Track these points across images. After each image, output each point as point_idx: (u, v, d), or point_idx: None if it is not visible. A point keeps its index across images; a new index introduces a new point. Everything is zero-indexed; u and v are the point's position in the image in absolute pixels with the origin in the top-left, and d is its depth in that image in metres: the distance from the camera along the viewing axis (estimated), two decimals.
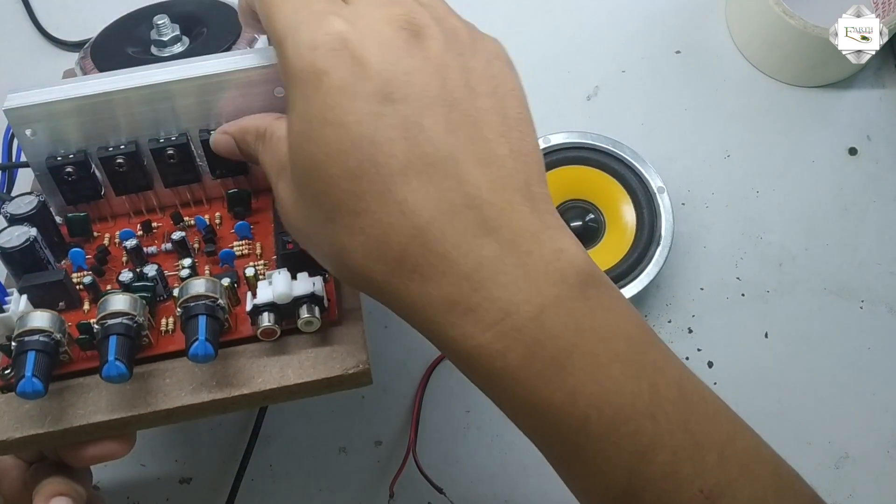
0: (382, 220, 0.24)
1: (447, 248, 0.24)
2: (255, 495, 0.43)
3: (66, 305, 0.32)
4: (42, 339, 0.29)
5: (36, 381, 0.28)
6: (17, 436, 0.30)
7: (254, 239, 0.35)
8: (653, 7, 0.56)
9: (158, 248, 0.35)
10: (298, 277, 0.31)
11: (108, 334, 0.29)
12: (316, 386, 0.31)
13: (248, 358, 0.31)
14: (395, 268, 0.25)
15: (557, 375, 0.24)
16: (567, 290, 0.25)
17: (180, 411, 0.30)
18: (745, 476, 0.26)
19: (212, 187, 0.36)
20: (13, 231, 0.32)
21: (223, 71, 0.32)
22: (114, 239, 0.35)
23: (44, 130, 0.33)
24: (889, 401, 0.45)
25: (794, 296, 0.48)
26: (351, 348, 0.31)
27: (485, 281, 0.24)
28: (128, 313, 0.29)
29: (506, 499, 0.43)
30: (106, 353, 0.28)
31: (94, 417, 0.30)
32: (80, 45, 0.55)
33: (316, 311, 0.30)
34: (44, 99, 0.32)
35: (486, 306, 0.24)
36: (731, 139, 0.52)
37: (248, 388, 0.30)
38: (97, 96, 0.32)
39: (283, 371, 0.31)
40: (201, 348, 0.28)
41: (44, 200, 0.34)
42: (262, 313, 0.30)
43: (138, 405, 0.30)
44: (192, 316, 0.29)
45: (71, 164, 0.33)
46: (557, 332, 0.24)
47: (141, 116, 0.33)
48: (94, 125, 0.33)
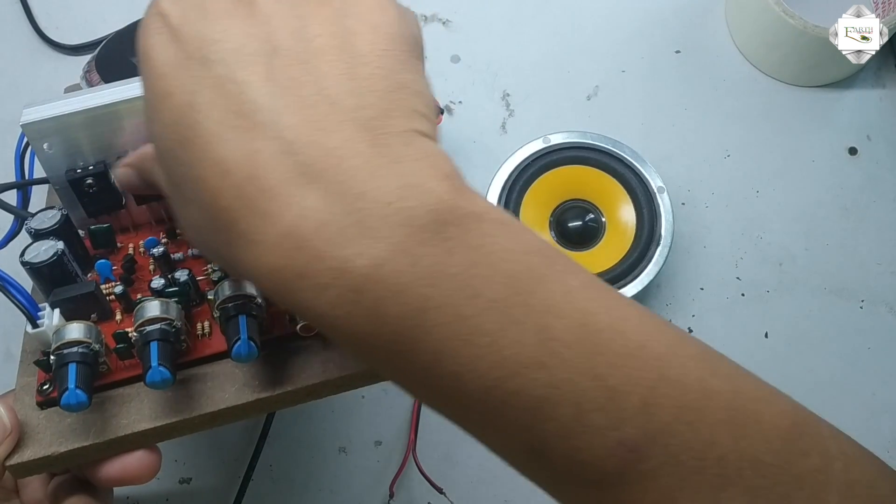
0: (208, 183, 0.22)
1: (266, 203, 0.21)
2: (256, 495, 0.43)
3: (99, 317, 0.32)
4: (81, 350, 0.29)
5: (80, 392, 0.28)
6: (62, 450, 0.29)
7: None
8: (653, 7, 0.56)
9: (185, 254, 0.35)
10: None
11: (149, 340, 0.29)
12: (359, 378, 0.31)
13: (289, 355, 0.31)
14: (225, 235, 0.22)
15: (412, 336, 0.21)
16: (414, 234, 0.21)
17: (225, 413, 0.30)
18: (682, 419, 0.22)
19: None
20: (40, 246, 0.32)
21: None
22: (138, 248, 0.36)
23: (61, 143, 0.33)
24: (889, 401, 0.45)
25: (794, 296, 0.48)
26: None
27: (308, 237, 0.21)
28: (166, 318, 0.29)
29: (506, 499, 0.43)
30: (148, 359, 0.28)
31: (139, 426, 0.30)
32: (79, 48, 0.55)
33: None
34: (60, 112, 0.32)
35: (315, 266, 0.21)
36: (730, 139, 0.52)
37: (291, 384, 0.30)
38: (111, 106, 0.33)
39: (325, 365, 0.31)
40: (244, 348, 0.28)
41: (66, 214, 0.34)
42: None
43: (182, 410, 0.30)
44: (231, 316, 0.29)
45: (91, 175, 0.34)
46: (403, 285, 0.21)
47: None
48: (111, 135, 0.34)
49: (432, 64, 0.57)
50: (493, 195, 0.45)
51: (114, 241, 0.35)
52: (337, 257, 0.21)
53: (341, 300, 0.21)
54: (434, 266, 0.21)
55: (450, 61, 0.53)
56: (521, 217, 0.45)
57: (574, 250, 0.46)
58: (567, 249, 0.46)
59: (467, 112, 0.52)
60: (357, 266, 0.21)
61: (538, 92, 0.53)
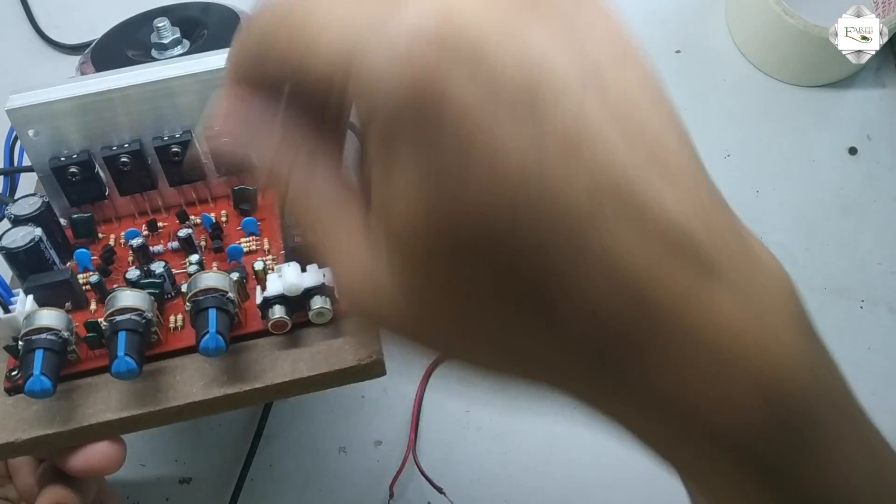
0: (583, 287, 0.16)
1: (671, 307, 0.16)
2: (256, 495, 0.43)
3: (73, 305, 0.32)
4: (50, 336, 0.28)
5: (44, 379, 0.27)
6: (24, 437, 0.29)
7: (261, 235, 0.34)
8: (653, 7, 0.56)
9: (165, 247, 0.34)
10: (308, 269, 0.30)
11: (117, 330, 0.28)
12: (329, 378, 0.30)
13: (260, 352, 0.31)
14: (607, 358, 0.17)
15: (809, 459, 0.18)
16: (795, 332, 0.18)
17: (191, 408, 0.30)
18: None
19: (217, 185, 0.36)
20: (17, 232, 0.31)
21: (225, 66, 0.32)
22: (119, 240, 0.35)
23: (46, 131, 0.33)
24: (889, 401, 0.45)
25: None
26: (363, 339, 0.31)
27: (724, 345, 0.17)
28: (136, 309, 0.29)
29: (506, 499, 0.43)
30: (115, 349, 0.28)
31: (104, 416, 0.30)
32: (79, 47, 0.55)
33: (328, 301, 0.30)
34: (46, 98, 0.32)
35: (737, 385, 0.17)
36: (730, 139, 0.52)
37: (260, 381, 0.30)
38: (99, 94, 0.32)
39: (296, 364, 0.30)
40: (212, 341, 0.28)
41: (48, 201, 0.33)
42: (272, 306, 0.30)
43: (149, 402, 0.30)
44: (201, 309, 0.29)
45: (74, 164, 0.33)
46: (802, 398, 0.17)
47: (144, 115, 0.33)
48: (96, 124, 0.33)
49: None
50: None
51: (95, 232, 0.35)
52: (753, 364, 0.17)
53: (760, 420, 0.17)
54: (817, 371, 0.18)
55: None
56: None
57: None
58: None
59: None
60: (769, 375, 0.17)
61: None
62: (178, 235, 0.33)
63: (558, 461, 0.44)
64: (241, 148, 0.20)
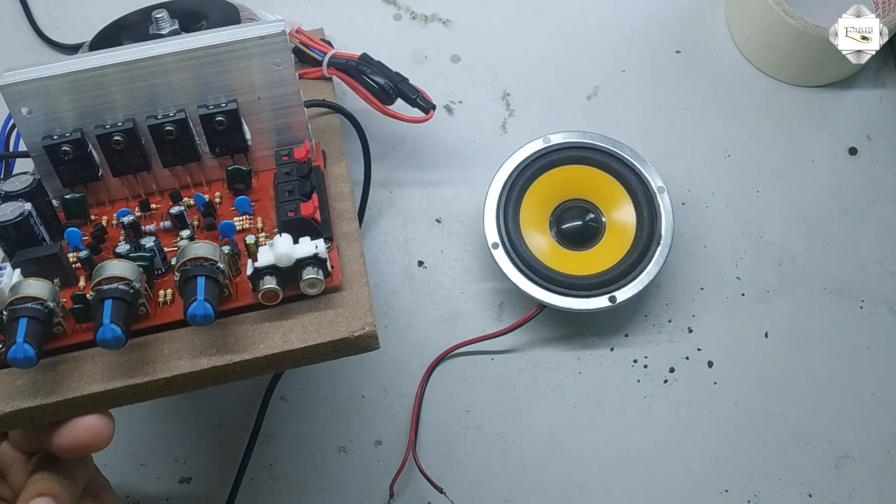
0: None
1: None
2: (256, 495, 0.43)
3: (62, 281, 0.31)
4: (35, 306, 0.27)
5: (27, 346, 0.26)
6: (7, 410, 0.29)
7: (255, 215, 0.34)
8: (653, 7, 0.56)
9: (157, 227, 0.34)
10: (300, 241, 0.30)
11: (103, 298, 0.27)
12: (321, 350, 0.30)
13: (250, 325, 0.30)
14: None
15: None
16: None
17: (179, 380, 0.29)
18: None
19: (211, 168, 0.36)
20: (7, 206, 0.31)
21: (219, 43, 0.32)
22: (111, 221, 0.35)
23: (40, 108, 0.33)
24: (889, 401, 0.45)
25: (794, 296, 0.48)
26: (356, 311, 0.30)
27: None
28: (124, 278, 0.28)
29: (506, 499, 0.43)
30: (101, 316, 0.27)
31: (89, 388, 0.29)
32: (79, 48, 0.54)
33: (320, 272, 0.30)
34: (39, 75, 0.32)
35: None
36: (730, 139, 0.52)
37: (249, 353, 0.29)
38: (93, 70, 0.32)
39: (286, 336, 0.30)
40: (200, 308, 0.27)
41: (39, 179, 0.33)
42: (263, 276, 0.29)
43: (135, 374, 0.29)
44: (190, 277, 0.28)
45: (67, 142, 0.33)
46: None
47: (137, 92, 0.33)
48: (90, 102, 0.33)
49: (432, 64, 0.58)
50: (493, 195, 0.45)
51: (87, 213, 0.35)
52: None
53: None
54: None
55: (450, 61, 0.53)
56: (522, 217, 0.45)
57: (574, 250, 0.46)
58: (567, 249, 0.46)
59: (467, 112, 0.52)
60: None
61: (538, 92, 0.53)
62: (170, 213, 0.33)
63: (558, 461, 0.44)
64: None
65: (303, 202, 0.31)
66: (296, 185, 0.33)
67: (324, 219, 0.32)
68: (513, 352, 0.46)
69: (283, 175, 0.33)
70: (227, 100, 0.34)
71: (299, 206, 0.31)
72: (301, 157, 0.34)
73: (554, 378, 0.46)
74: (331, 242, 0.32)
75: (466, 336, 0.46)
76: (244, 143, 0.35)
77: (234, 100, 0.34)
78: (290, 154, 0.34)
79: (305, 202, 0.31)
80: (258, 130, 0.35)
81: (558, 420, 0.44)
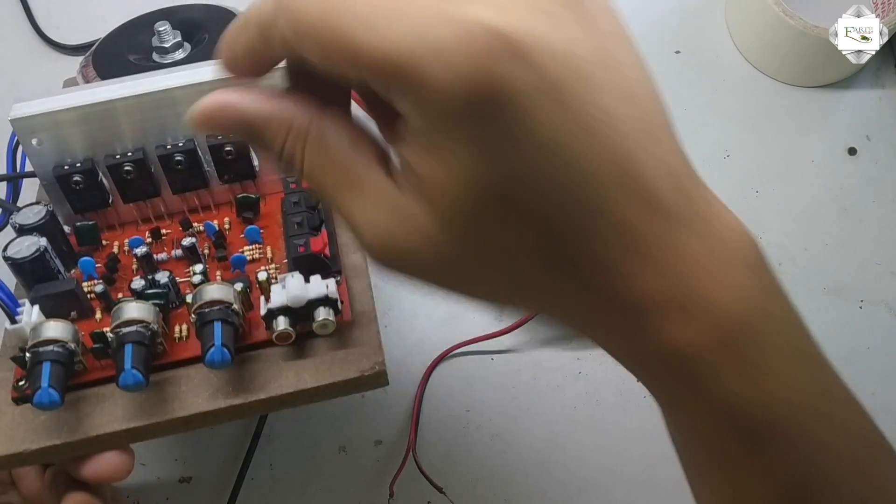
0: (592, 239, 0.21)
1: (653, 246, 0.21)
2: (255, 495, 0.43)
3: (78, 314, 0.32)
4: (57, 349, 0.29)
5: (52, 391, 0.28)
6: (33, 447, 0.30)
7: (263, 243, 0.35)
8: (652, 7, 0.56)
9: (169, 255, 0.35)
10: (311, 280, 0.31)
11: (124, 342, 0.29)
12: (333, 389, 0.31)
13: (264, 363, 0.31)
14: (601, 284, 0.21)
15: (754, 373, 0.22)
16: (752, 277, 0.22)
17: (197, 418, 0.30)
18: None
19: (220, 192, 0.36)
20: (23, 242, 0.32)
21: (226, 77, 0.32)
22: (123, 247, 0.35)
23: (50, 140, 0.33)
24: (889, 401, 0.45)
25: (794, 296, 0.47)
26: (366, 350, 0.31)
27: (687, 275, 0.21)
28: (142, 321, 0.29)
29: (505, 498, 0.43)
30: (122, 361, 0.28)
31: (111, 427, 0.30)
32: (80, 48, 0.55)
33: (331, 312, 0.30)
34: (49, 108, 0.32)
35: (693, 304, 0.21)
36: (730, 139, 0.52)
37: (265, 392, 0.30)
38: (103, 104, 0.32)
39: (300, 374, 0.31)
40: (218, 354, 0.28)
41: (52, 210, 0.33)
42: (276, 317, 0.30)
43: (155, 413, 0.30)
44: (206, 322, 0.29)
45: (78, 172, 0.33)
46: (751, 325, 0.22)
47: (147, 123, 0.33)
48: (100, 133, 0.33)
49: None
50: None
51: (99, 239, 0.35)
52: (708, 294, 0.21)
53: (706, 333, 0.22)
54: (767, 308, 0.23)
55: None
56: None
57: None
58: None
59: None
60: (722, 304, 0.21)
61: None
62: (181, 244, 0.33)
63: (558, 461, 0.44)
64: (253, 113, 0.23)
65: (312, 236, 0.32)
66: (304, 217, 0.33)
67: (332, 253, 0.33)
68: (513, 352, 0.46)
69: (291, 205, 0.34)
70: None
71: (309, 241, 0.32)
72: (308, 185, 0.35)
73: (554, 378, 0.46)
74: (340, 276, 0.32)
75: (466, 336, 0.46)
76: (252, 170, 0.35)
77: None
78: (297, 181, 0.35)
79: (315, 236, 0.32)
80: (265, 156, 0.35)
81: (558, 420, 0.44)
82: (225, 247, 0.34)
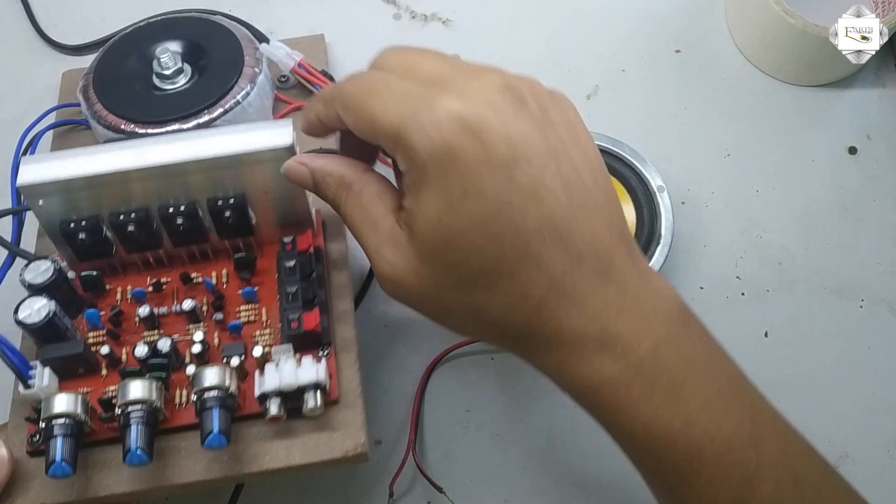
0: (522, 277, 0.27)
1: (578, 293, 0.27)
2: (256, 494, 0.43)
3: (86, 371, 0.35)
4: (68, 422, 0.31)
5: (66, 465, 0.30)
6: (48, 503, 0.33)
7: (259, 303, 0.37)
8: (653, 7, 0.56)
9: (169, 310, 0.36)
10: (303, 363, 0.33)
11: (129, 423, 0.31)
12: (317, 465, 0.33)
13: (255, 435, 0.34)
14: (532, 318, 0.27)
15: (674, 405, 0.27)
16: (674, 327, 0.28)
17: (195, 485, 0.33)
18: None
19: (218, 244, 0.37)
20: (33, 304, 0.33)
21: (237, 153, 0.34)
22: (126, 294, 0.37)
23: (56, 202, 0.34)
24: (889, 401, 0.45)
25: (794, 295, 0.48)
26: (351, 431, 0.34)
27: (610, 321, 0.27)
28: (146, 401, 0.31)
29: (505, 498, 0.43)
30: (129, 440, 0.30)
31: (118, 488, 0.33)
32: (79, 48, 0.55)
33: (319, 399, 0.33)
34: (56, 176, 0.33)
35: (613, 344, 0.27)
36: (730, 138, 0.52)
37: (256, 465, 0.33)
38: (111, 175, 0.33)
39: (289, 451, 0.33)
40: (216, 441, 0.31)
41: (59, 268, 0.35)
42: (269, 399, 0.32)
43: (157, 479, 0.33)
44: (206, 409, 0.31)
45: (83, 230, 0.35)
46: (671, 365, 0.27)
47: (153, 190, 0.35)
48: (106, 197, 0.34)
49: None
50: None
51: (103, 286, 0.37)
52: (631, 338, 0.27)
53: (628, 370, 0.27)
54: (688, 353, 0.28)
55: None
56: None
57: None
58: None
59: None
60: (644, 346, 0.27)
61: None
62: (182, 308, 0.35)
63: (558, 461, 0.44)
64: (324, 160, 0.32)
65: (306, 311, 0.34)
66: (299, 288, 0.35)
67: (325, 327, 0.35)
68: None
69: (286, 270, 0.36)
70: (234, 193, 0.35)
71: (302, 317, 0.34)
72: (303, 248, 0.36)
73: None
74: (330, 348, 0.35)
75: None
76: (249, 228, 0.36)
77: (241, 194, 0.35)
78: (293, 243, 0.36)
79: (308, 311, 0.34)
80: (264, 216, 0.37)
81: (558, 420, 0.44)
82: (223, 307, 0.36)
